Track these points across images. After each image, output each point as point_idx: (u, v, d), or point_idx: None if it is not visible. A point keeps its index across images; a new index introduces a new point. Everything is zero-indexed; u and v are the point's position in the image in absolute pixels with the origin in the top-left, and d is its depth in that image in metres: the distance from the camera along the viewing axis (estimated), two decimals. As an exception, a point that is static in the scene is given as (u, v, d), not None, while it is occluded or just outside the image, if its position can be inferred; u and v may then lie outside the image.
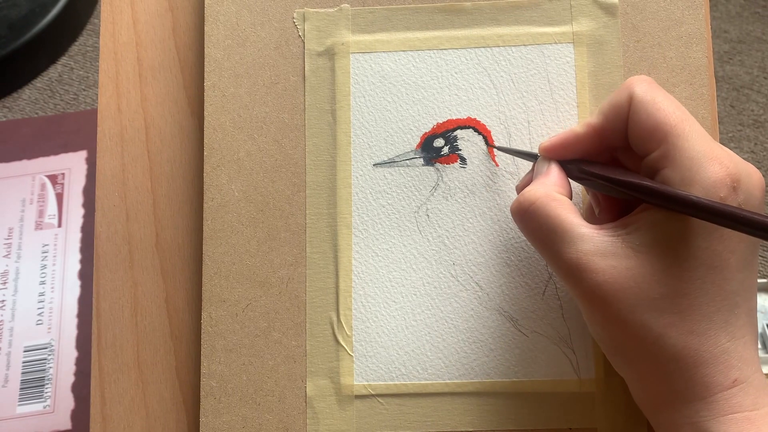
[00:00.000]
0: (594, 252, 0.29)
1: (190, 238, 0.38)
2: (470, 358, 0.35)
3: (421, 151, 0.37)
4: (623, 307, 0.28)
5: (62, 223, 0.65)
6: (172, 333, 0.37)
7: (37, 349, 0.60)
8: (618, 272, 0.28)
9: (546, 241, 0.30)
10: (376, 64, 0.37)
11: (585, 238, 0.29)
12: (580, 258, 0.29)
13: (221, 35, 0.38)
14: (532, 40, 0.37)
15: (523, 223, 0.31)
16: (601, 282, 0.28)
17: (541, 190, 0.31)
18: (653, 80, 0.31)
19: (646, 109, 0.29)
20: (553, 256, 0.30)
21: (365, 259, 0.36)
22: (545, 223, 0.30)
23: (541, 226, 0.30)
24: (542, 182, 0.32)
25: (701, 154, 0.28)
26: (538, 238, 0.31)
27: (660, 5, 0.36)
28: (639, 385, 0.30)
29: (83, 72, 0.80)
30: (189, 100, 0.39)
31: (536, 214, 0.30)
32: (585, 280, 0.29)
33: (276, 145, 0.37)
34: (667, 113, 0.29)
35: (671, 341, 0.28)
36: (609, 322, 0.29)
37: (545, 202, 0.30)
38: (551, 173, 0.32)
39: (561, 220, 0.30)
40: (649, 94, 0.30)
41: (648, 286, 0.28)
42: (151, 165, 0.39)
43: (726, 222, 0.27)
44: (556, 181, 0.32)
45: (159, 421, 0.37)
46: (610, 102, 0.31)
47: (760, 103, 0.81)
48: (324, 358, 0.35)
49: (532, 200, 0.30)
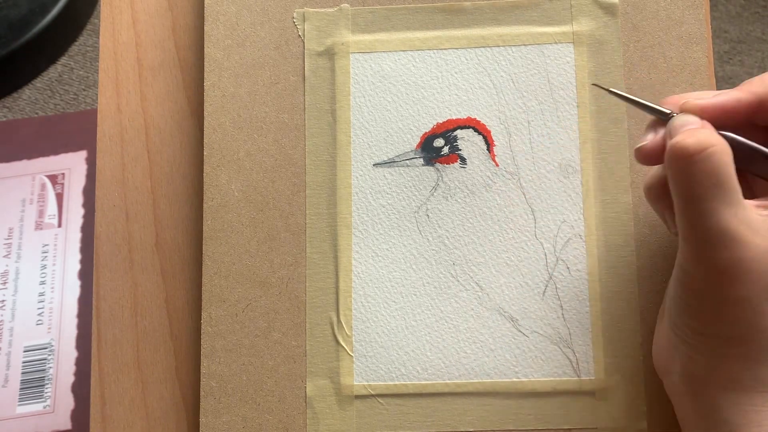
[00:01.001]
0: (749, 224, 0.26)
1: (190, 238, 0.38)
2: (470, 358, 0.35)
3: (421, 151, 0.37)
4: (756, 289, 0.27)
5: (62, 223, 0.65)
6: (172, 333, 0.37)
7: (37, 349, 0.60)
8: (762, 254, 0.26)
9: (704, 195, 0.26)
10: (376, 64, 0.37)
11: (748, 207, 0.27)
12: (735, 225, 0.26)
13: (221, 35, 0.38)
14: (532, 39, 0.37)
15: (688, 166, 0.27)
16: (746, 258, 0.26)
17: (718, 138, 0.27)
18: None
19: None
20: (703, 213, 0.27)
21: (365, 259, 0.36)
22: (714, 176, 0.26)
23: (708, 177, 0.26)
24: (713, 132, 0.28)
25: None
26: (697, 189, 0.27)
27: (660, 5, 0.36)
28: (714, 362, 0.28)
29: (83, 72, 0.80)
30: (189, 100, 0.39)
31: (707, 162, 0.26)
32: (731, 250, 0.26)
33: (276, 145, 0.37)
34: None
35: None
36: (731, 298, 0.27)
37: (721, 152, 0.26)
38: (709, 128, 0.28)
39: (732, 177, 0.27)
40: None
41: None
42: (151, 165, 0.39)
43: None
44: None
45: (159, 421, 0.37)
46: (763, 78, 0.28)
47: (760, 103, 0.81)
48: (324, 358, 0.35)
49: (708, 145, 0.26)
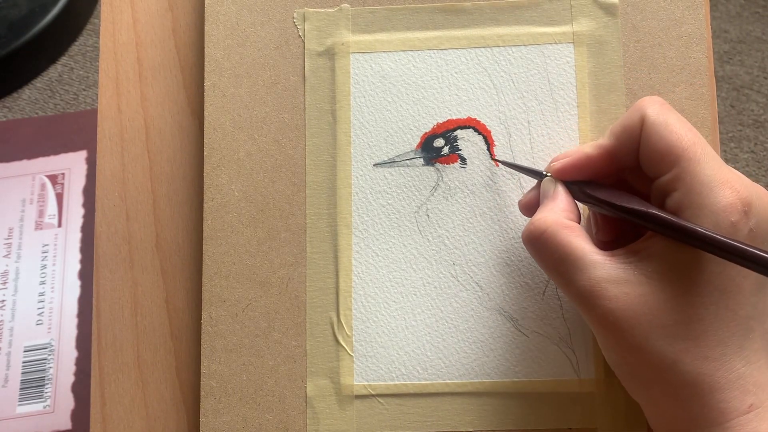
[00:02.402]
0: (607, 279, 0.29)
1: (190, 238, 0.38)
2: (470, 358, 0.35)
3: (421, 151, 0.37)
4: (637, 334, 0.28)
5: (62, 223, 0.65)
6: (172, 333, 0.37)
7: (37, 349, 0.60)
8: (631, 299, 0.28)
9: (559, 269, 0.30)
10: (376, 64, 0.37)
11: (597, 265, 0.29)
12: (593, 285, 0.29)
13: (221, 35, 0.38)
14: (532, 40, 0.37)
15: (535, 251, 0.31)
16: (614, 309, 0.28)
17: (551, 217, 0.30)
18: (665, 101, 0.31)
19: (659, 131, 0.29)
20: (566, 284, 0.30)
21: (365, 259, 0.36)
22: (557, 251, 0.30)
23: (553, 254, 0.30)
24: (551, 208, 0.31)
25: (712, 178, 0.28)
26: (550, 265, 0.30)
27: (660, 5, 0.36)
28: (655, 411, 0.30)
29: (83, 72, 0.80)
30: (189, 100, 0.39)
31: (548, 242, 0.30)
32: (598, 307, 0.29)
33: (276, 145, 0.37)
34: (679, 136, 0.29)
35: (686, 367, 0.28)
36: (623, 348, 0.29)
37: (556, 230, 0.30)
38: (559, 197, 0.32)
39: (573, 247, 0.29)
40: (662, 116, 0.29)
41: (661, 312, 0.28)
42: (151, 165, 0.39)
43: (733, 258, 0.27)
44: (564, 206, 0.31)
45: (159, 421, 0.37)
46: (622, 124, 0.31)
47: (760, 103, 0.81)
48: (324, 358, 0.35)
49: (543, 228, 0.30)
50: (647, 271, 0.28)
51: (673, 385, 0.28)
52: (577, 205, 0.32)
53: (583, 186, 0.32)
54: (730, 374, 0.28)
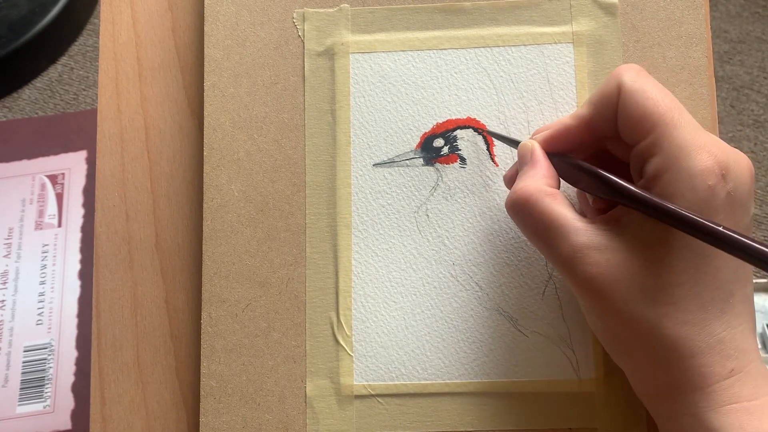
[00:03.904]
0: (588, 245, 0.29)
1: (190, 238, 0.38)
2: (470, 358, 0.35)
3: (421, 151, 0.37)
4: (618, 299, 0.29)
5: (62, 223, 0.65)
6: (172, 333, 0.37)
7: (37, 349, 0.60)
8: (612, 264, 0.29)
9: (542, 236, 0.30)
10: (376, 64, 0.37)
11: (579, 231, 0.29)
12: (575, 251, 0.29)
13: (221, 35, 0.38)
14: (532, 40, 0.37)
15: (519, 219, 0.32)
16: (595, 274, 0.29)
17: (533, 185, 0.31)
18: (642, 68, 0.31)
19: (635, 98, 0.29)
20: (549, 250, 0.30)
21: (365, 259, 0.36)
22: (540, 219, 0.30)
23: (536, 222, 0.30)
24: (532, 175, 0.31)
25: (690, 142, 0.28)
26: (533, 233, 0.31)
27: (660, 5, 0.36)
28: (637, 376, 0.30)
29: (83, 72, 0.80)
30: (189, 100, 0.39)
31: (531, 210, 0.30)
32: (581, 273, 0.29)
33: (276, 145, 0.37)
34: (656, 102, 0.29)
35: (666, 331, 0.28)
36: (605, 313, 0.29)
37: (538, 198, 0.30)
38: (538, 163, 0.32)
39: (556, 215, 0.30)
40: (638, 82, 0.30)
41: (642, 277, 0.28)
42: (151, 165, 0.39)
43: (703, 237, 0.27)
44: (545, 173, 0.32)
45: (159, 421, 0.37)
46: (599, 92, 0.31)
47: (760, 103, 0.81)
48: (324, 358, 0.35)
49: (526, 197, 0.31)
50: (627, 236, 0.29)
51: (655, 350, 0.28)
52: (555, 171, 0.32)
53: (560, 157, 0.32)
54: (710, 338, 0.28)
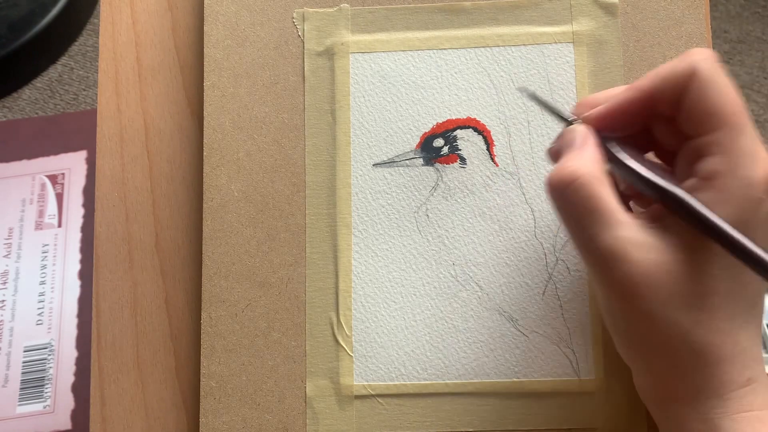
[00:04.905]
0: (632, 241, 0.28)
1: (190, 238, 0.38)
2: (470, 358, 0.35)
3: (421, 151, 0.37)
4: (655, 301, 0.28)
5: (62, 223, 0.65)
6: (172, 333, 0.37)
7: (37, 349, 0.60)
8: (654, 265, 0.28)
9: (583, 222, 0.28)
10: (376, 64, 0.37)
11: (624, 225, 0.28)
12: (617, 246, 0.28)
13: (221, 35, 0.38)
14: (532, 39, 0.37)
15: (561, 199, 0.29)
16: (635, 273, 0.27)
17: (585, 165, 0.29)
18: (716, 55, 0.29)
19: (710, 89, 0.28)
20: (586, 239, 0.28)
21: (365, 259, 0.36)
22: (586, 203, 0.28)
23: (581, 205, 0.28)
24: (585, 156, 0.29)
25: (753, 151, 0.27)
26: (574, 217, 0.29)
27: (660, 5, 0.36)
28: (649, 379, 0.30)
29: (83, 72, 0.80)
30: (189, 100, 0.39)
31: (579, 191, 0.28)
32: (619, 269, 0.28)
33: (276, 145, 0.37)
34: (730, 100, 0.28)
35: (698, 338, 0.28)
36: (636, 314, 0.28)
37: (589, 180, 0.28)
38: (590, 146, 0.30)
39: (604, 202, 0.28)
40: (715, 74, 0.28)
41: (681, 281, 0.28)
42: (151, 165, 0.39)
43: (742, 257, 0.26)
44: (596, 157, 0.29)
45: (159, 421, 0.37)
46: (669, 68, 0.29)
47: (760, 103, 0.81)
48: (324, 358, 0.35)
49: (576, 176, 0.28)
50: (672, 238, 0.28)
51: (681, 355, 0.28)
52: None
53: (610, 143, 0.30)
54: (735, 347, 0.28)
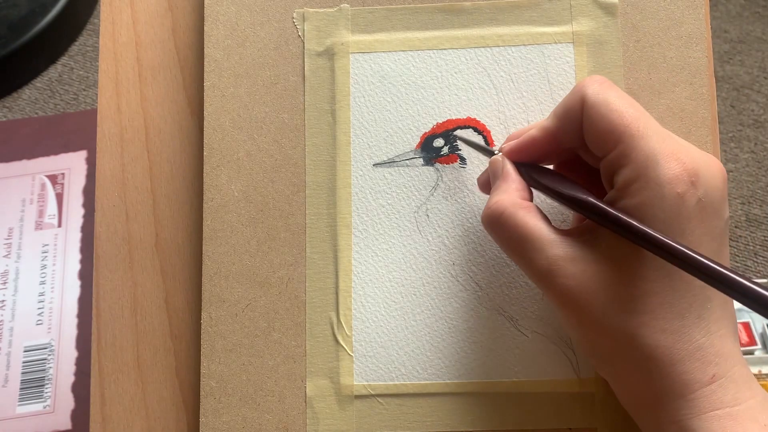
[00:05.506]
0: (563, 257, 0.29)
1: (190, 238, 0.38)
2: (470, 358, 0.35)
3: (421, 151, 0.37)
4: (595, 310, 0.29)
5: (62, 223, 0.65)
6: (172, 333, 0.37)
7: (37, 349, 0.60)
8: (588, 276, 0.29)
9: (517, 250, 0.30)
10: (376, 64, 0.37)
11: (554, 244, 0.29)
12: (551, 264, 0.29)
13: (221, 35, 0.38)
14: (532, 39, 0.37)
15: (495, 233, 0.31)
16: (572, 286, 0.29)
17: (507, 198, 0.31)
18: (606, 79, 0.30)
19: (599, 111, 0.29)
20: (525, 264, 0.30)
21: (365, 259, 0.36)
22: (515, 232, 0.30)
23: (512, 236, 0.30)
24: (505, 189, 0.31)
25: (657, 151, 0.28)
26: (510, 247, 0.31)
27: (660, 5, 0.36)
28: (620, 386, 0.30)
29: (83, 72, 0.80)
30: (189, 100, 0.39)
31: (506, 224, 0.30)
32: (557, 285, 0.29)
33: (276, 145, 0.37)
34: (620, 113, 0.29)
35: (645, 341, 0.28)
36: (583, 325, 0.29)
37: (513, 212, 0.30)
38: (509, 177, 0.32)
39: (530, 227, 0.30)
40: (601, 95, 0.29)
41: (618, 287, 0.28)
42: (151, 165, 0.39)
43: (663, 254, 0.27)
44: (517, 186, 0.32)
45: (159, 421, 0.37)
46: (563, 105, 0.31)
47: (760, 103, 0.81)
48: (324, 358, 0.35)
49: (501, 211, 0.30)
50: (601, 247, 0.29)
51: (634, 360, 0.28)
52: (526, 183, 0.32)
53: (529, 170, 0.32)
54: (689, 346, 0.28)
